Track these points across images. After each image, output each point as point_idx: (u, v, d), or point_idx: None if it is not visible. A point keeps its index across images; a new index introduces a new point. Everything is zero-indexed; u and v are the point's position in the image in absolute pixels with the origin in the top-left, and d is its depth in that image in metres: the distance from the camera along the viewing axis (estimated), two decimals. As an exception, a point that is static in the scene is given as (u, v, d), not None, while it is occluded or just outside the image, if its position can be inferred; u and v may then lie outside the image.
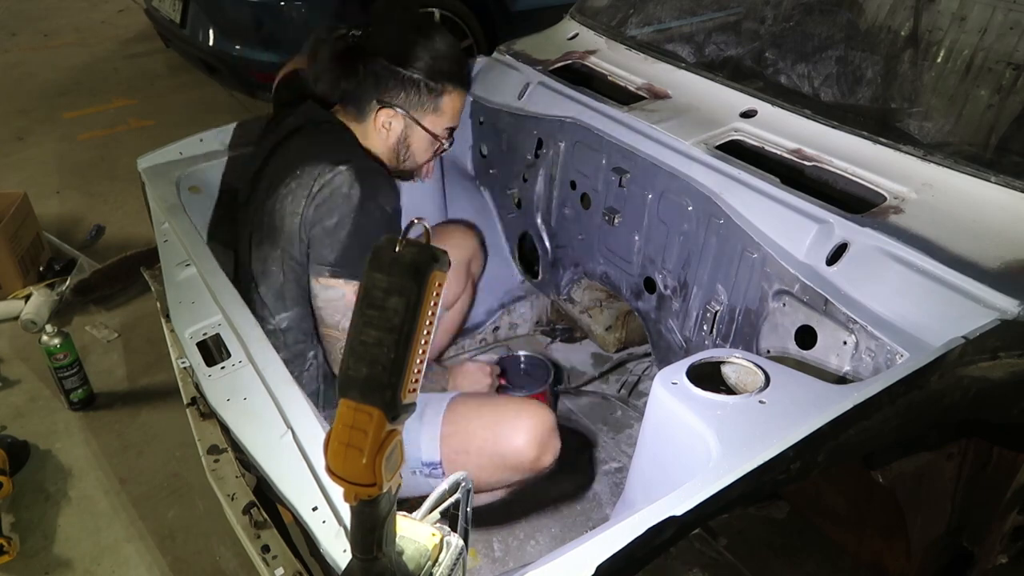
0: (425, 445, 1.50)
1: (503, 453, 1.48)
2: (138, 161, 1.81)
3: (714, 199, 1.51)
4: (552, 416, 1.53)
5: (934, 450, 1.31)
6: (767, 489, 0.98)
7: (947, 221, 1.29)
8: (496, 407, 1.55)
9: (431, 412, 1.53)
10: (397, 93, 1.53)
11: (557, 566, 0.83)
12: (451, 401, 1.55)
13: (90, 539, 1.96)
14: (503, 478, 1.53)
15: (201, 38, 3.54)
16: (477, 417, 1.52)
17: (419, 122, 1.57)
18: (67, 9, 6.08)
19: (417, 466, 1.51)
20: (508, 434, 1.48)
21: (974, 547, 1.50)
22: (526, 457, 1.47)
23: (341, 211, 1.42)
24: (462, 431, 1.50)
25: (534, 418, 1.50)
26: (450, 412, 1.52)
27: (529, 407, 1.54)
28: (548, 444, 1.50)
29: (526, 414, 1.50)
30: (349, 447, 0.65)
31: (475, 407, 1.55)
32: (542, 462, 1.50)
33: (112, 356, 2.58)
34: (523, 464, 1.49)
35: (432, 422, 1.51)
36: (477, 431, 1.49)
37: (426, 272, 0.64)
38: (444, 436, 1.50)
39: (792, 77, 1.73)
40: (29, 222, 2.94)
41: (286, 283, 1.51)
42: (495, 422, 1.50)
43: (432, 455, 1.50)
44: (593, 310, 2.16)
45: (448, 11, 3.66)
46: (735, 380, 1.15)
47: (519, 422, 1.48)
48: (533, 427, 1.48)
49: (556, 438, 1.52)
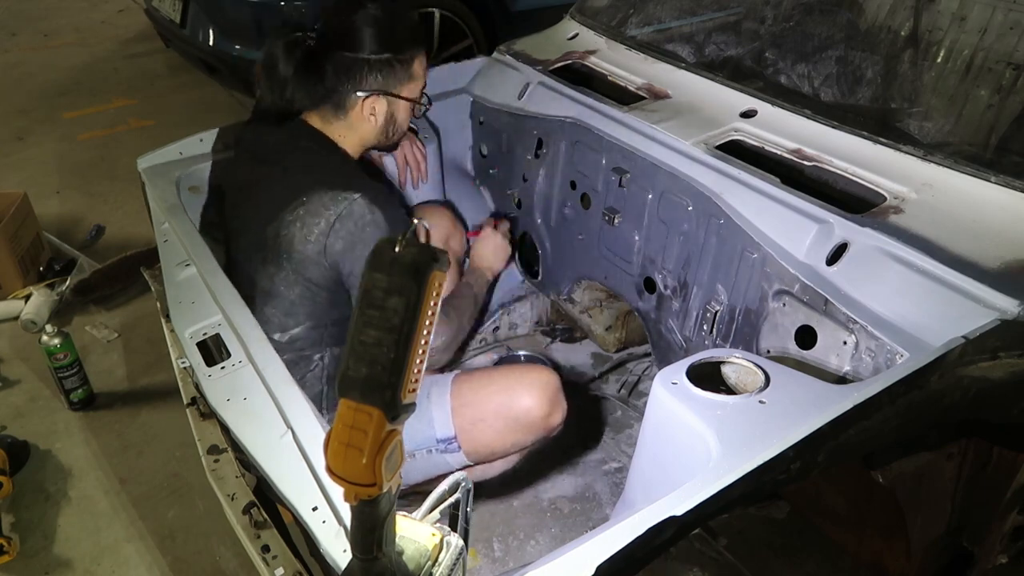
0: (438, 422, 1.55)
1: (516, 415, 1.53)
2: (138, 161, 1.81)
3: (714, 199, 1.51)
4: (557, 376, 1.58)
5: (934, 450, 1.31)
6: (767, 489, 0.98)
7: (947, 221, 1.29)
8: (502, 373, 1.63)
9: (437, 391, 1.57)
10: (373, 78, 1.55)
11: (557, 566, 0.83)
12: (455, 378, 1.60)
13: (90, 539, 1.96)
14: (518, 440, 1.58)
15: (201, 38, 3.53)
16: (486, 385, 1.58)
17: (400, 96, 1.60)
18: (67, 9, 6.08)
19: (432, 444, 1.55)
20: (518, 395, 1.53)
21: (974, 547, 1.50)
22: (538, 415, 1.53)
23: (374, 236, 1.45)
24: (473, 401, 1.55)
25: (540, 377, 1.56)
26: (457, 386, 1.58)
27: (533, 369, 1.61)
28: (557, 402, 1.56)
29: (532, 375, 1.58)
30: (349, 447, 0.65)
31: (481, 376, 1.62)
32: (553, 419, 1.56)
33: (112, 356, 2.58)
34: (535, 422, 1.54)
35: (440, 399, 1.56)
36: (490, 397, 1.55)
37: (426, 272, 0.64)
38: (455, 409, 1.55)
39: (792, 77, 1.74)
40: (29, 222, 2.94)
41: (298, 301, 1.52)
42: (504, 387, 1.56)
43: (446, 430, 1.55)
44: (593, 310, 2.16)
45: (448, 11, 3.66)
46: (735, 380, 1.15)
47: (527, 383, 1.55)
48: (542, 386, 1.54)
49: (563, 397, 1.58)
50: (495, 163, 2.16)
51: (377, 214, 1.46)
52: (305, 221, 1.47)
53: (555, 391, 1.56)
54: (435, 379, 1.61)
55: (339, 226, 1.45)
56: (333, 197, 1.46)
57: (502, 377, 1.61)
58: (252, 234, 1.55)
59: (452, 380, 1.59)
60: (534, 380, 1.56)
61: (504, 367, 1.68)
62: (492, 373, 1.65)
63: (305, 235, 1.47)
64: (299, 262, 1.49)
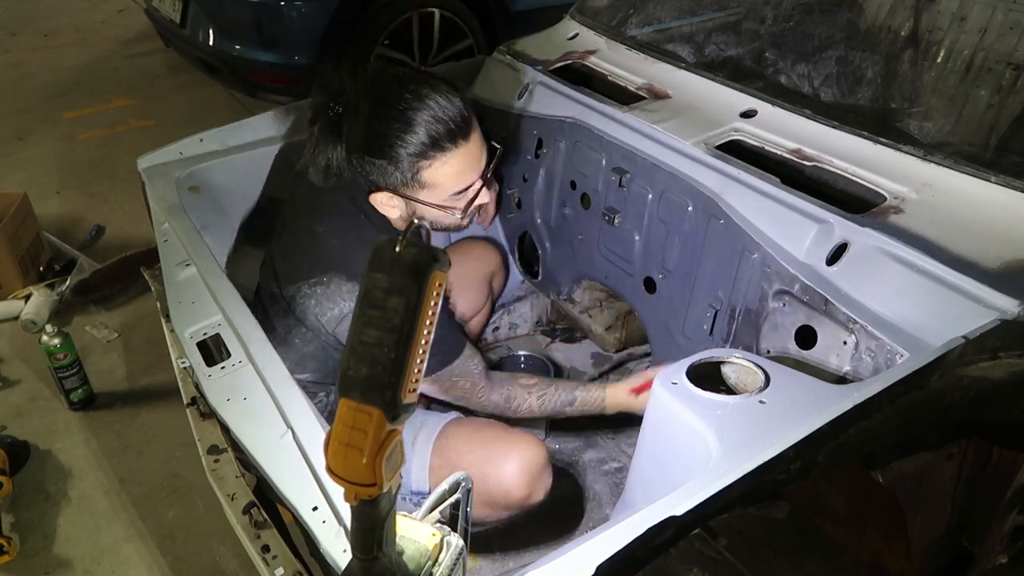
0: (415, 474, 1.49)
1: (492, 492, 1.42)
2: (138, 161, 1.81)
3: (714, 199, 1.51)
4: (544, 450, 1.47)
5: (934, 450, 1.31)
6: (767, 489, 0.98)
7: (947, 221, 1.29)
8: (486, 442, 1.48)
9: (422, 439, 1.51)
10: (379, 178, 1.39)
11: (557, 566, 0.83)
12: (442, 429, 1.51)
13: (90, 539, 1.96)
14: (492, 516, 1.48)
15: (201, 38, 3.53)
16: (468, 452, 1.47)
17: (416, 199, 1.42)
18: (67, 9, 6.07)
19: (407, 493, 1.49)
20: (497, 473, 1.42)
21: (974, 547, 1.50)
22: (516, 496, 1.43)
23: None
24: (451, 465, 1.44)
25: (524, 455, 1.43)
26: (440, 442, 1.49)
27: (520, 442, 1.47)
28: (539, 481, 1.45)
29: (516, 451, 1.44)
30: (349, 447, 0.65)
31: (465, 440, 1.50)
32: (532, 499, 1.45)
33: (112, 356, 2.58)
34: (512, 503, 1.44)
35: (422, 451, 1.49)
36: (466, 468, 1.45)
37: (426, 272, 0.64)
38: (433, 468, 1.48)
39: (792, 77, 1.73)
40: (29, 222, 2.94)
41: (311, 354, 1.51)
42: (485, 459, 1.44)
43: (421, 485, 1.48)
44: (593, 310, 2.16)
45: (448, 11, 3.66)
46: (735, 380, 1.16)
47: (509, 460, 1.43)
48: (523, 464, 1.42)
49: (548, 473, 1.47)
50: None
51: None
52: (321, 302, 1.45)
53: (539, 468, 1.44)
54: (425, 422, 1.53)
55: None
56: (351, 289, 1.42)
57: (484, 446, 1.47)
58: (276, 281, 1.54)
59: (438, 433, 1.50)
60: (518, 458, 1.42)
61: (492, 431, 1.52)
62: (476, 437, 1.50)
63: (318, 313, 1.46)
64: (314, 328, 1.48)
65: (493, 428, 1.53)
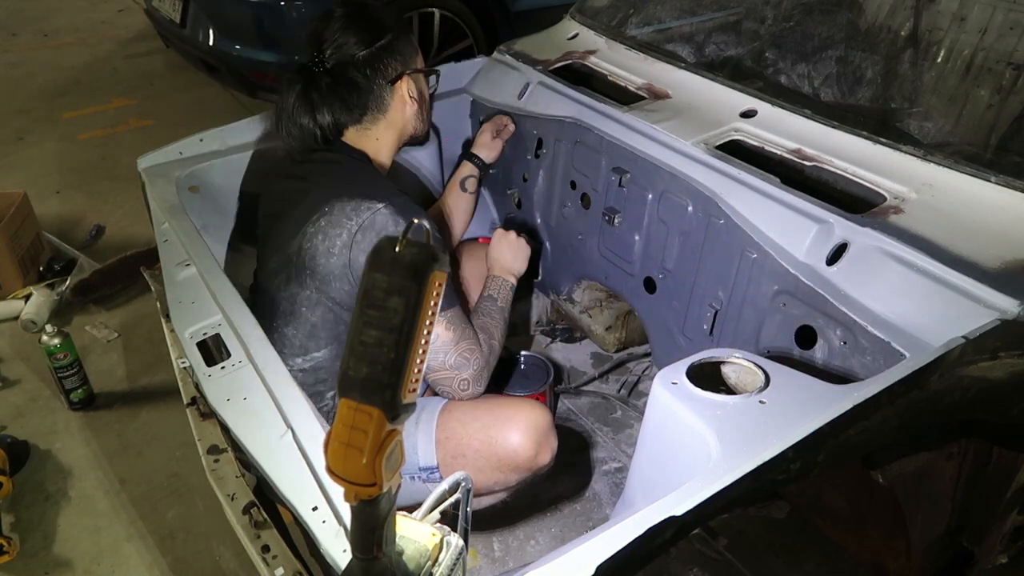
0: (422, 450, 1.49)
1: (499, 454, 1.45)
2: (138, 161, 1.81)
3: (714, 199, 1.51)
4: (548, 414, 1.51)
5: (934, 450, 1.31)
6: (767, 489, 0.98)
7: (947, 221, 1.29)
8: (491, 408, 1.52)
9: (426, 416, 1.52)
10: (392, 63, 1.56)
11: (557, 566, 0.83)
12: (444, 406, 1.53)
13: (90, 539, 1.96)
14: (502, 479, 1.50)
15: (201, 38, 3.53)
16: (472, 420, 1.49)
17: (419, 68, 1.63)
18: (67, 9, 6.08)
19: (414, 471, 1.50)
20: (504, 434, 1.45)
21: (974, 547, 1.50)
22: (523, 456, 1.46)
23: None
24: (457, 435, 1.48)
25: (529, 417, 1.48)
26: (444, 416, 1.51)
27: (524, 406, 1.52)
28: (545, 442, 1.48)
29: (521, 413, 1.48)
30: (349, 447, 0.65)
31: (470, 409, 1.52)
32: (539, 460, 1.48)
33: (112, 356, 2.58)
34: (521, 464, 1.47)
35: (427, 427, 1.50)
36: (473, 434, 1.47)
37: (426, 272, 0.64)
38: (439, 441, 1.49)
39: (792, 77, 1.74)
40: (29, 222, 2.94)
41: (320, 324, 1.49)
42: (490, 423, 1.47)
43: (429, 460, 1.49)
44: (593, 310, 2.16)
45: (448, 11, 3.66)
46: (735, 380, 1.15)
47: (514, 422, 1.47)
48: (529, 426, 1.46)
49: (553, 436, 1.50)
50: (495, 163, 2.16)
51: (402, 225, 1.38)
52: (327, 233, 1.43)
53: (544, 430, 1.48)
54: (427, 403, 1.55)
55: (361, 237, 1.41)
56: (356, 207, 1.42)
57: (488, 412, 1.50)
58: (277, 253, 1.53)
59: (441, 408, 1.53)
60: (523, 419, 1.47)
61: (496, 399, 1.57)
62: (480, 405, 1.53)
63: (328, 247, 1.43)
64: (323, 278, 1.45)
65: (495, 397, 1.57)
